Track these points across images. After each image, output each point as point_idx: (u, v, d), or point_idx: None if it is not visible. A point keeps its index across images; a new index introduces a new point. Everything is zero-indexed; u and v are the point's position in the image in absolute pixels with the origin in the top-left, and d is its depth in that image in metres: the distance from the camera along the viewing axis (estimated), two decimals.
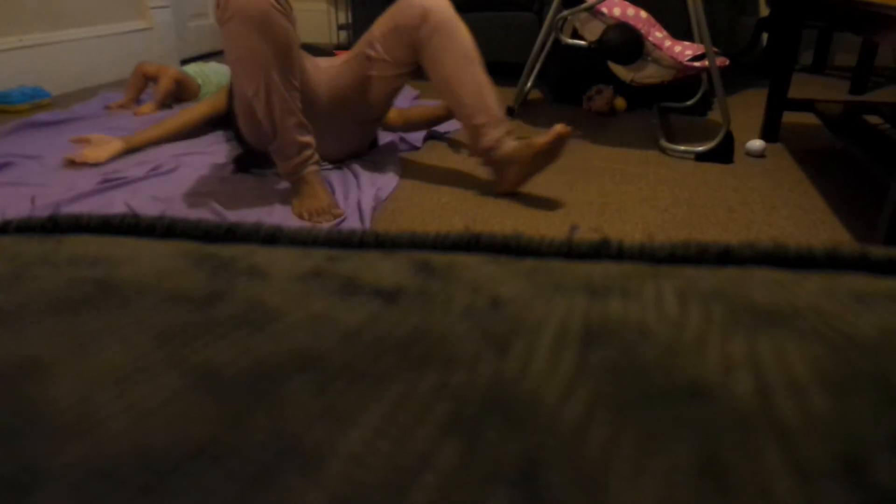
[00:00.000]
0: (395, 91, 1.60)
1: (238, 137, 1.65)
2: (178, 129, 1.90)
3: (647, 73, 1.94)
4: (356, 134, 1.66)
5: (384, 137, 1.88)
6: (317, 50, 1.85)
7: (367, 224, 1.36)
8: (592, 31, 1.92)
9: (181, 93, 2.30)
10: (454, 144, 1.92)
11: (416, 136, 1.91)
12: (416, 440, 0.14)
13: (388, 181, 1.59)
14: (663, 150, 1.87)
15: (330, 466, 0.14)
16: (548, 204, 1.49)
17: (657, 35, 2.12)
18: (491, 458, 0.14)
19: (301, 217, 1.38)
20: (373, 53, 1.54)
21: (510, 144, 1.44)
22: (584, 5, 1.80)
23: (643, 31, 1.89)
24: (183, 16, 3.43)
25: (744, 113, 2.32)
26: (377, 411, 0.15)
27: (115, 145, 1.75)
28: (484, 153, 1.48)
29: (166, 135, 1.88)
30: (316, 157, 1.42)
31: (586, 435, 0.14)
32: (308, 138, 1.40)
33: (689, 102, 2.28)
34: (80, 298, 0.20)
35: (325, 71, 1.60)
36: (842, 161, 1.79)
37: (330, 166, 1.65)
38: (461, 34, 1.48)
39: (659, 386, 0.16)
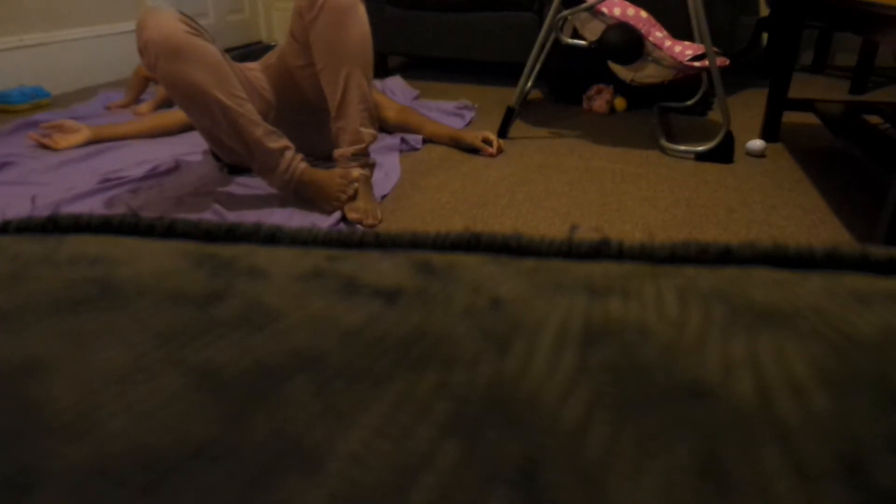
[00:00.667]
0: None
1: (215, 155, 1.64)
2: (151, 129, 1.92)
3: (647, 73, 1.94)
4: (325, 124, 1.58)
5: (384, 137, 1.88)
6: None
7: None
8: (592, 31, 1.92)
9: None
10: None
11: (416, 137, 1.91)
12: (416, 440, 0.14)
13: (387, 181, 1.59)
14: (663, 150, 1.87)
15: (330, 466, 0.14)
16: (548, 204, 1.49)
17: (657, 35, 2.12)
18: (491, 458, 0.14)
19: (346, 212, 1.35)
20: (287, 43, 1.52)
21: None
22: (584, 5, 1.80)
23: (643, 31, 1.89)
24: None
25: (744, 113, 2.32)
26: (377, 411, 0.15)
27: (80, 135, 1.81)
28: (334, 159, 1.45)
29: (138, 133, 1.90)
30: (299, 155, 1.40)
31: (586, 435, 0.14)
32: (283, 142, 1.37)
33: (689, 102, 2.28)
34: (80, 298, 0.20)
35: (264, 72, 1.59)
36: (842, 161, 1.79)
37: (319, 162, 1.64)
38: (348, 27, 1.38)
39: (659, 386, 0.15)
